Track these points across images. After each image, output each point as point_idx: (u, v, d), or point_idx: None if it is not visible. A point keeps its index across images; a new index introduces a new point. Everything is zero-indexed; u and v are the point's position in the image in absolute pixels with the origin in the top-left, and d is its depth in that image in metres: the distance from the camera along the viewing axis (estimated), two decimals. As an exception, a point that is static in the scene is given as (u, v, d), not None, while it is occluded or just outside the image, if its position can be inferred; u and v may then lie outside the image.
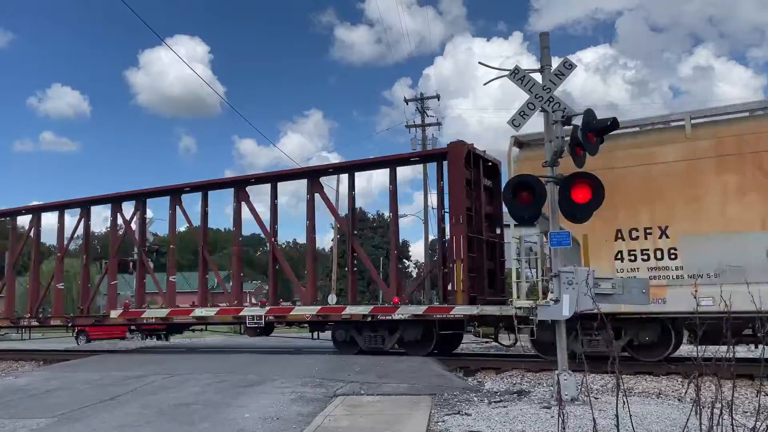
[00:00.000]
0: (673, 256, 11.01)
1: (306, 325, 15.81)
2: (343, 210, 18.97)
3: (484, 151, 14.99)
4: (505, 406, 8.18)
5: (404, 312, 13.87)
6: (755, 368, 8.90)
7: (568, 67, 8.74)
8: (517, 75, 8.83)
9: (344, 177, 16.85)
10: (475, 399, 8.85)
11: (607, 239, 11.49)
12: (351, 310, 14.52)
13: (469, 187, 14.27)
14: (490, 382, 11.09)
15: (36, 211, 20.18)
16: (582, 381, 8.30)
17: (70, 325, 19.60)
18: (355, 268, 15.63)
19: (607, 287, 8.46)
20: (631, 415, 4.83)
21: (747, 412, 7.22)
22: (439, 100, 55.80)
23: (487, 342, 16.49)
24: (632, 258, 11.33)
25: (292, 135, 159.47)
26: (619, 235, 11.42)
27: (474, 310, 13.31)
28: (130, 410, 8.28)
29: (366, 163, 16.42)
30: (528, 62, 38.05)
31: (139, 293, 17.96)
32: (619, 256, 11.42)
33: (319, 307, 15.39)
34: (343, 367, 11.73)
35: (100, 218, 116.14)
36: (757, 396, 5.81)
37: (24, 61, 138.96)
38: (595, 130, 8.29)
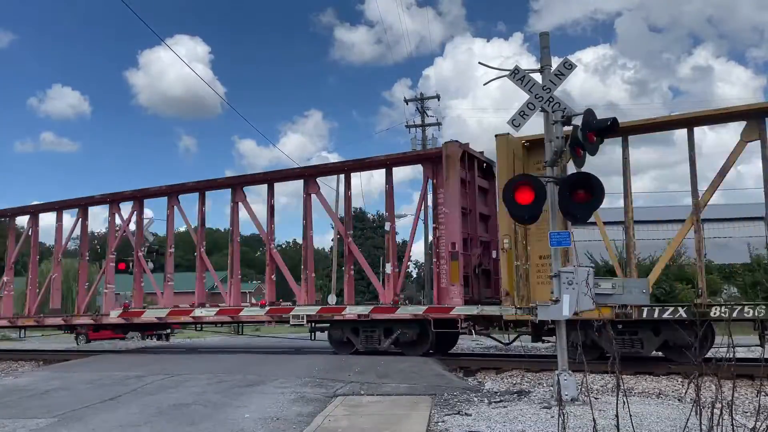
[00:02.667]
0: None
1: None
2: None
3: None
4: (505, 406, 8.18)
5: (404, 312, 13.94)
6: (755, 368, 8.94)
7: (568, 67, 8.74)
8: (517, 75, 8.83)
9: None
10: (475, 399, 8.85)
11: None
12: (351, 310, 14.53)
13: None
14: (490, 382, 11.09)
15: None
16: (582, 381, 8.31)
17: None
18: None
19: (607, 287, 8.46)
20: (631, 415, 4.84)
21: (747, 412, 7.23)
22: (439, 100, 55.89)
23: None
24: None
25: (292, 135, 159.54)
26: None
27: (474, 310, 13.35)
28: (130, 410, 8.28)
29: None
30: (528, 62, 38.10)
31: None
32: None
33: (320, 308, 15.40)
34: (343, 367, 11.73)
35: (100, 219, 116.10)
36: (757, 396, 5.82)
37: (24, 62, 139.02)
38: (595, 130, 8.29)
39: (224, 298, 16.80)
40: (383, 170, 15.33)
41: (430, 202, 14.85)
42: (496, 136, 13.10)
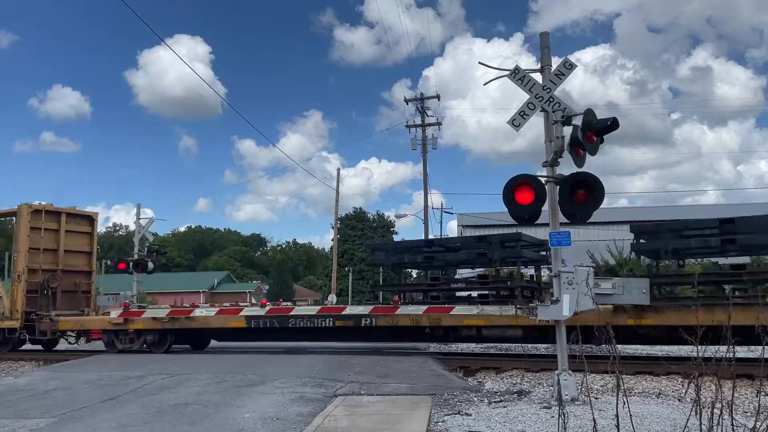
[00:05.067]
0: None
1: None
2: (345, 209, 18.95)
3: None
4: (505, 406, 8.18)
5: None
6: (755, 368, 8.92)
7: (569, 67, 8.74)
8: (517, 75, 8.83)
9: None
10: (475, 399, 8.85)
11: None
12: (351, 310, 14.58)
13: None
14: (490, 382, 11.09)
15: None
16: (582, 381, 8.30)
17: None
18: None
19: (607, 287, 8.46)
20: (631, 415, 4.83)
21: (747, 412, 7.24)
22: (439, 99, 55.73)
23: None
24: None
25: (291, 135, 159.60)
26: None
27: (474, 310, 13.39)
28: (131, 410, 8.28)
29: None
30: (527, 63, 38.07)
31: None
32: None
33: (319, 308, 15.45)
34: (343, 367, 11.73)
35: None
36: (757, 396, 5.82)
37: (25, 63, 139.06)
38: (596, 130, 8.29)
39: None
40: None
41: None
42: None
